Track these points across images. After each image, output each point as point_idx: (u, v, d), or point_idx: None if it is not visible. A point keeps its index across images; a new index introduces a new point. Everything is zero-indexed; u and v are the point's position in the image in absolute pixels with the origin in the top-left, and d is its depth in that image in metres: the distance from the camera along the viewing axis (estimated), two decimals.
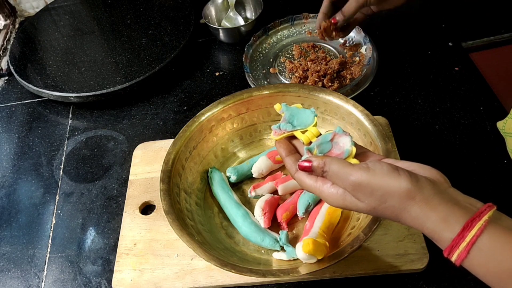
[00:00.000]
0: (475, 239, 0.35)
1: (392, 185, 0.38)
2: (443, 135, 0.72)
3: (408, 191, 0.38)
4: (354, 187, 0.40)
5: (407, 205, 0.38)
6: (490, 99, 0.75)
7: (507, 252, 0.35)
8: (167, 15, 0.99)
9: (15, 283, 0.65)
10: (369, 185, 0.39)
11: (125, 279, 0.61)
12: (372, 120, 0.62)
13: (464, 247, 0.35)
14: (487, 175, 0.66)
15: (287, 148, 0.49)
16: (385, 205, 0.39)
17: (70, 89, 0.86)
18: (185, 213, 0.60)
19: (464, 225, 0.36)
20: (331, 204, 0.44)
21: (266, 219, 0.62)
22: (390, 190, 0.38)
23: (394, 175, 0.39)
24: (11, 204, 0.75)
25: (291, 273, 0.51)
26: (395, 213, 0.39)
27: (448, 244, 0.36)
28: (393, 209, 0.39)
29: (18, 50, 0.99)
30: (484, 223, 0.35)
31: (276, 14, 0.94)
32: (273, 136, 0.51)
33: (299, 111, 0.51)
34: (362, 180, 0.39)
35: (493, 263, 0.35)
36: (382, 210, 0.40)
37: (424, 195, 0.38)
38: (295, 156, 0.49)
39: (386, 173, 0.39)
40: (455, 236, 0.36)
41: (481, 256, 0.36)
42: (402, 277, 0.58)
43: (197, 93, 0.87)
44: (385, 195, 0.39)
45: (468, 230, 0.35)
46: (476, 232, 0.35)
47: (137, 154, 0.76)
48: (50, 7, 1.09)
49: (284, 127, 0.50)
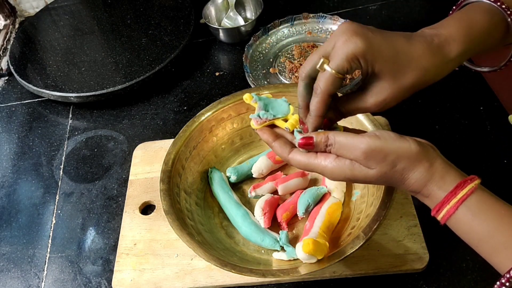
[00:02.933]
0: (465, 197, 0.38)
1: (403, 148, 0.40)
2: (443, 135, 0.72)
3: (417, 154, 0.40)
4: (367, 155, 0.40)
5: (415, 166, 0.40)
6: (490, 99, 0.75)
7: (491, 213, 0.38)
8: (167, 15, 0.99)
9: (15, 283, 0.65)
10: (383, 150, 0.40)
11: (125, 279, 0.61)
12: (372, 120, 0.62)
13: (454, 204, 0.39)
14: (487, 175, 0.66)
15: (272, 133, 0.48)
16: (395, 169, 0.41)
17: (70, 89, 0.86)
18: (185, 213, 0.60)
19: (457, 184, 0.39)
20: (336, 179, 0.44)
21: (266, 219, 0.62)
22: (403, 153, 0.40)
23: (402, 140, 0.41)
24: (11, 204, 0.75)
25: (291, 273, 0.51)
26: (402, 176, 0.41)
27: (440, 200, 0.40)
28: (402, 171, 0.40)
29: (18, 50, 0.99)
30: (474, 186, 0.39)
31: (276, 14, 0.94)
32: (254, 125, 0.50)
33: (271, 100, 0.50)
34: (376, 146, 0.40)
35: (477, 222, 0.38)
36: (391, 175, 0.41)
37: (429, 157, 0.40)
38: (282, 139, 0.47)
39: (395, 139, 0.41)
40: (447, 193, 0.39)
41: (467, 214, 0.39)
42: (402, 277, 0.58)
43: (197, 93, 0.87)
44: (396, 159, 0.40)
45: (461, 188, 0.39)
46: (467, 192, 0.39)
47: (137, 154, 0.76)
48: (50, 7, 1.09)
49: (265, 116, 0.49)
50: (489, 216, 0.38)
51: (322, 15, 0.91)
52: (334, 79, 0.42)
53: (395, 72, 0.42)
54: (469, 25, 0.44)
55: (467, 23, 0.44)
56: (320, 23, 0.92)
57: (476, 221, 0.38)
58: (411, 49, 0.42)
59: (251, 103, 0.50)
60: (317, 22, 0.92)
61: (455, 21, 0.45)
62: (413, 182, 0.41)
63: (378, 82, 0.43)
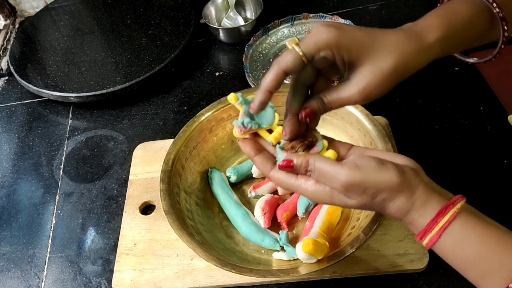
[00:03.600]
0: (447, 225, 0.37)
1: (383, 180, 0.39)
2: (443, 135, 0.72)
3: (398, 185, 0.38)
4: (346, 188, 0.39)
5: (395, 197, 0.39)
6: (490, 99, 0.75)
7: (474, 240, 0.37)
8: (167, 15, 0.99)
9: (15, 283, 0.65)
10: (362, 184, 0.39)
11: (125, 279, 0.61)
12: (372, 120, 0.62)
13: (436, 232, 0.38)
14: (487, 175, 0.66)
15: (254, 146, 0.47)
16: (375, 200, 0.40)
17: (70, 89, 0.86)
18: (185, 213, 0.60)
19: (438, 211, 0.38)
20: (316, 201, 0.44)
21: (266, 219, 0.62)
22: (383, 186, 0.39)
23: (383, 170, 0.39)
24: (11, 204, 0.75)
25: (291, 273, 0.51)
26: (382, 206, 0.40)
27: (422, 228, 0.38)
28: (382, 202, 0.40)
29: (18, 50, 0.99)
30: (456, 211, 0.37)
31: (276, 14, 0.94)
32: (237, 134, 0.47)
33: None
34: (355, 180, 0.39)
35: (460, 249, 0.38)
36: (371, 205, 0.40)
37: (411, 187, 0.39)
38: (264, 154, 0.46)
39: (376, 170, 0.39)
40: (429, 221, 0.38)
41: (451, 241, 0.38)
42: (402, 277, 0.58)
43: (197, 93, 0.87)
44: (376, 191, 0.39)
45: (442, 216, 0.38)
46: (449, 219, 0.37)
47: (137, 154, 0.76)
48: (50, 7, 1.09)
49: (249, 125, 0.46)
50: (473, 242, 0.37)
51: (322, 15, 0.91)
52: (296, 58, 0.40)
53: (372, 57, 0.41)
54: (449, 13, 0.44)
55: (447, 12, 0.45)
56: None
57: (460, 248, 0.38)
58: (386, 36, 0.42)
59: (235, 105, 0.47)
60: (317, 22, 0.92)
61: (435, 12, 0.46)
62: (394, 211, 0.40)
63: (358, 70, 0.42)
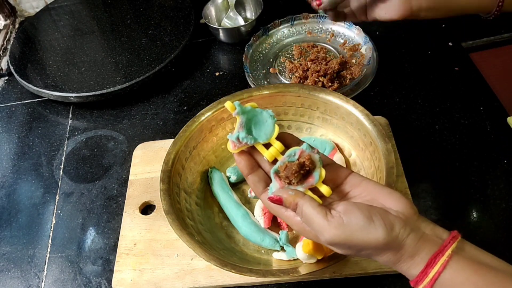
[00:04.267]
0: (437, 275, 0.37)
1: (369, 241, 0.38)
2: (443, 135, 0.72)
3: (384, 244, 0.38)
4: (330, 244, 0.40)
5: (380, 253, 0.39)
6: (490, 99, 0.75)
7: (467, 286, 0.37)
8: (167, 15, 0.99)
9: (15, 283, 0.65)
10: (346, 243, 0.39)
11: (125, 279, 0.61)
12: (372, 120, 0.62)
13: (427, 283, 0.37)
14: (487, 175, 0.66)
15: (249, 164, 0.45)
16: (361, 253, 0.40)
17: (70, 89, 0.86)
18: (185, 213, 0.60)
19: (427, 262, 0.38)
20: (301, 235, 0.43)
21: (266, 219, 0.62)
22: (368, 245, 0.39)
23: (371, 229, 0.38)
24: (11, 204, 0.75)
25: (291, 273, 0.51)
26: (369, 257, 0.41)
27: (413, 279, 0.39)
28: (368, 255, 0.40)
29: (18, 50, 0.99)
30: (446, 259, 0.37)
31: (276, 14, 0.94)
32: (231, 149, 0.45)
33: (255, 113, 0.45)
34: (339, 240, 0.39)
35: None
36: (358, 256, 0.42)
37: (398, 241, 0.38)
38: (258, 173, 0.45)
39: (362, 229, 0.38)
40: (418, 273, 0.38)
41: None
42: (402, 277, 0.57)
43: (197, 93, 0.87)
44: (362, 249, 0.39)
45: (431, 267, 0.37)
46: (439, 269, 0.37)
47: (137, 154, 0.76)
48: (50, 7, 1.09)
49: (245, 140, 0.44)
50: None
51: (322, 15, 0.91)
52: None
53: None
54: None
55: None
56: (320, 23, 0.92)
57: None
58: None
59: (232, 114, 0.45)
60: (317, 22, 0.92)
61: None
62: (382, 262, 0.40)
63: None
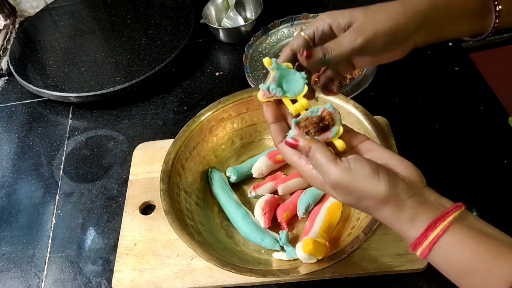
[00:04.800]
0: (437, 239, 0.37)
1: (370, 190, 0.39)
2: (443, 135, 0.72)
3: (384, 197, 0.39)
4: (333, 186, 0.41)
5: (380, 208, 0.40)
6: (490, 99, 0.75)
7: (466, 252, 0.37)
8: (167, 15, 0.99)
9: (15, 283, 0.65)
10: (348, 187, 0.40)
11: (125, 279, 0.61)
12: (372, 120, 0.62)
13: (426, 246, 0.37)
14: (487, 175, 0.66)
15: (275, 113, 0.47)
16: (361, 204, 0.41)
17: (70, 89, 0.86)
18: (185, 213, 0.60)
19: (428, 225, 0.38)
20: (310, 184, 0.44)
21: (266, 219, 0.62)
22: (368, 195, 0.39)
23: (374, 180, 0.39)
24: (11, 204, 0.75)
25: (291, 273, 0.51)
26: (368, 210, 0.41)
27: (412, 242, 0.39)
28: (367, 208, 0.41)
29: (18, 50, 0.99)
30: (447, 224, 0.37)
31: (276, 14, 0.94)
32: (260, 97, 0.47)
33: (289, 72, 0.47)
34: (342, 182, 0.40)
35: (453, 262, 0.37)
36: (357, 207, 0.42)
37: (398, 200, 0.39)
38: (281, 124, 0.47)
39: (366, 177, 0.39)
40: (418, 235, 0.38)
41: (442, 254, 0.38)
42: (402, 277, 0.58)
43: (197, 93, 0.87)
44: (361, 197, 0.40)
45: (432, 230, 0.37)
46: (439, 233, 0.37)
47: (137, 154, 0.76)
48: (50, 7, 1.09)
49: (274, 91, 0.46)
50: (464, 256, 0.37)
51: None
52: (300, 38, 0.48)
53: (365, 12, 0.46)
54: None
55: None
56: None
57: (451, 261, 0.38)
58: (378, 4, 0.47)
59: (269, 68, 0.47)
60: None
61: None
62: (381, 218, 0.41)
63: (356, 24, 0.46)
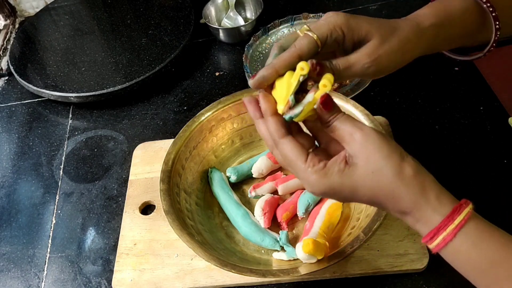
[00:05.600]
0: (464, 223, 0.35)
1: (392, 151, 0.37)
2: (443, 135, 0.72)
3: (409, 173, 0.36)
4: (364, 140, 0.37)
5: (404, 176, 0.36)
6: (490, 99, 0.75)
7: (491, 241, 0.35)
8: (167, 15, 0.99)
9: (15, 283, 0.65)
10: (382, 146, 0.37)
11: (125, 279, 0.61)
12: (372, 120, 0.62)
13: (452, 230, 0.35)
14: (487, 175, 0.66)
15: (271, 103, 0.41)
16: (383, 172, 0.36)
17: (70, 89, 0.86)
18: (185, 213, 0.60)
19: (453, 207, 0.35)
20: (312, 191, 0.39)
21: (266, 219, 0.62)
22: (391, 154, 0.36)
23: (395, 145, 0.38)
24: (11, 204, 0.75)
25: (291, 273, 0.51)
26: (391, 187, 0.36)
27: (435, 226, 0.35)
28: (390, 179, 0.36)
29: (18, 50, 0.98)
30: (469, 210, 0.35)
31: (276, 14, 0.94)
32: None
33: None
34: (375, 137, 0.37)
35: (477, 251, 0.35)
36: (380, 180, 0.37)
37: (422, 171, 0.37)
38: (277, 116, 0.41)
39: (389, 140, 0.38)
40: (444, 218, 0.35)
41: (466, 241, 0.35)
42: (402, 277, 0.58)
43: (197, 93, 0.87)
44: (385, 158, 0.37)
45: (458, 213, 0.35)
46: (465, 216, 0.35)
47: (137, 154, 0.76)
48: (50, 7, 1.09)
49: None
50: (490, 245, 0.35)
51: (322, 15, 0.90)
52: (311, 42, 0.41)
53: (380, 32, 0.43)
54: (441, 5, 0.47)
55: (439, 4, 0.47)
56: None
57: (476, 250, 0.35)
58: (390, 21, 0.45)
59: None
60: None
61: (430, 4, 0.48)
62: (405, 196, 0.36)
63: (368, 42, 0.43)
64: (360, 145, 0.37)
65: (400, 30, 0.44)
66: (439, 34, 0.46)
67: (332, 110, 0.39)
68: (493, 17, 0.47)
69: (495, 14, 0.46)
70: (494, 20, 0.47)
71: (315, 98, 0.39)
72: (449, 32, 0.47)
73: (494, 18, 0.47)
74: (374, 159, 0.37)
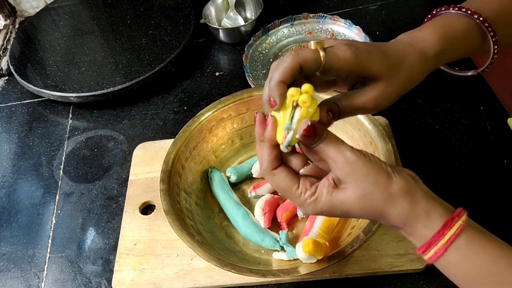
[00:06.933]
0: (454, 237, 0.35)
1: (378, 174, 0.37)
2: (443, 135, 0.72)
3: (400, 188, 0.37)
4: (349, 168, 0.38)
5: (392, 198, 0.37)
6: (490, 99, 0.75)
7: (482, 254, 0.35)
8: (167, 15, 0.99)
9: (15, 283, 0.65)
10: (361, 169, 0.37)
11: (125, 279, 0.61)
12: (372, 120, 0.62)
13: (442, 245, 0.35)
14: (487, 175, 0.66)
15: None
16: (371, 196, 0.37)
17: (70, 89, 0.86)
18: (185, 213, 0.60)
19: (444, 222, 0.36)
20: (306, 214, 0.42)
21: (266, 219, 0.62)
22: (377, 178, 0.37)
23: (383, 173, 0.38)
24: (11, 204, 0.75)
25: (291, 273, 0.51)
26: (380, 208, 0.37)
27: (426, 241, 0.36)
28: (378, 202, 0.37)
29: (18, 50, 0.99)
30: (462, 223, 0.36)
31: (276, 14, 0.94)
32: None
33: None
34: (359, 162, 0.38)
35: (467, 264, 0.36)
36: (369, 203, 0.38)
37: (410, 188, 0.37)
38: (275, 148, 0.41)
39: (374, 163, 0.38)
40: (434, 233, 0.36)
41: (457, 255, 0.36)
42: (402, 277, 0.58)
43: (197, 93, 0.87)
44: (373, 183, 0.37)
45: (449, 228, 0.35)
46: (456, 231, 0.35)
47: (137, 154, 0.76)
48: (50, 7, 1.09)
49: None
50: (481, 258, 0.35)
51: (322, 15, 0.91)
52: (317, 60, 0.38)
53: (387, 72, 0.42)
54: (443, 28, 0.45)
55: (441, 26, 0.45)
56: (320, 23, 0.92)
57: (467, 263, 0.35)
58: (397, 49, 0.43)
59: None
60: (317, 22, 0.92)
61: (429, 25, 0.46)
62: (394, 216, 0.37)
63: (373, 82, 0.42)
64: (345, 173, 0.38)
65: (406, 63, 0.43)
66: (441, 60, 0.46)
67: (316, 136, 0.39)
68: (493, 42, 0.46)
69: (495, 39, 0.46)
70: (493, 44, 0.46)
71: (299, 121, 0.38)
72: (451, 56, 0.47)
73: (493, 43, 0.46)
74: (362, 186, 0.38)
